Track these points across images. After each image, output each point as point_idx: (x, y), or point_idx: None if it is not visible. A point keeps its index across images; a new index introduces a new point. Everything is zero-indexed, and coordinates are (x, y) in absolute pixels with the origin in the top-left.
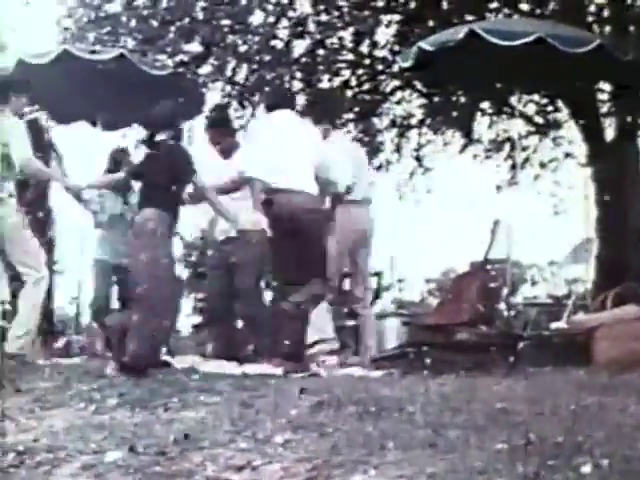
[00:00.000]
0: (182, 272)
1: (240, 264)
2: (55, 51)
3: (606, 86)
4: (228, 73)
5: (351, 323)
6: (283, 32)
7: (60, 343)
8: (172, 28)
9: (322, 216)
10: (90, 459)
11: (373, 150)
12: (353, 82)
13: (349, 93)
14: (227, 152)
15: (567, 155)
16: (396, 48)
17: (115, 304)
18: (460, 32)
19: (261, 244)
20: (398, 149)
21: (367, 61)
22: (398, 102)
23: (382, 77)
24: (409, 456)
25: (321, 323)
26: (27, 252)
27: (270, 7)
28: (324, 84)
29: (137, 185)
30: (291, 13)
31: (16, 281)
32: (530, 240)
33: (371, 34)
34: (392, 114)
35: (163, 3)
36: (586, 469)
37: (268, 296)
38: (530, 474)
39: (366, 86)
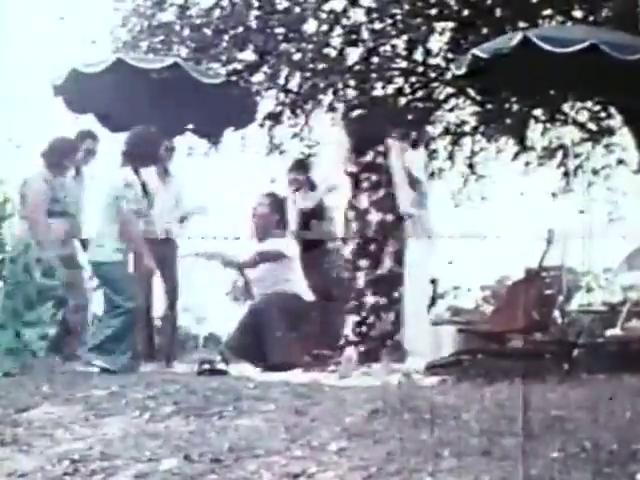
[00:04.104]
0: None
1: None
2: (108, 60)
3: None
4: (281, 81)
5: None
6: (337, 40)
7: None
8: (225, 37)
9: None
10: (145, 467)
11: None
12: (406, 90)
13: (402, 101)
14: None
15: (620, 162)
16: (449, 56)
17: None
18: (514, 39)
19: None
20: (451, 157)
21: (420, 69)
22: (451, 109)
23: (435, 85)
24: (464, 464)
25: None
26: None
27: (324, 15)
28: (377, 92)
29: None
30: (345, 21)
31: None
32: (585, 247)
33: (424, 42)
34: (445, 122)
35: (216, 12)
36: None
37: None
38: None
39: (419, 94)
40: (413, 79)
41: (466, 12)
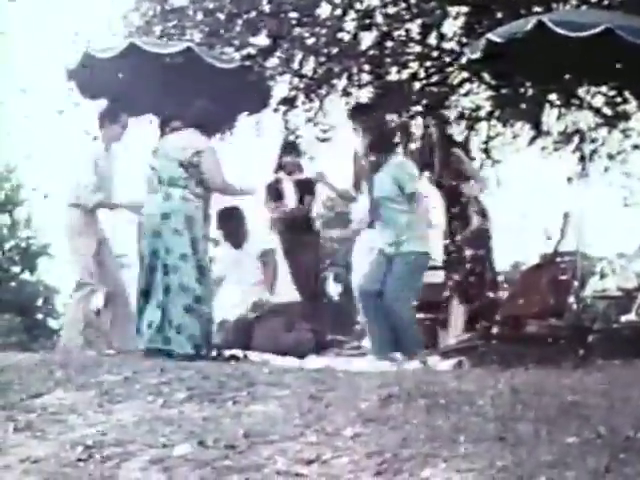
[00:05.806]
0: None
1: None
2: (122, 45)
3: None
4: (295, 66)
5: None
6: (350, 24)
7: None
8: (239, 21)
9: None
10: (159, 453)
11: None
12: (421, 74)
13: (417, 85)
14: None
15: (636, 147)
16: (464, 40)
17: None
18: (528, 23)
19: None
20: (466, 141)
21: (435, 53)
22: (466, 94)
23: (450, 69)
24: (479, 449)
25: None
26: None
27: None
28: (392, 76)
29: None
30: (358, 5)
31: None
32: (600, 232)
33: (439, 26)
34: (460, 106)
35: None
36: None
37: None
38: (601, 468)
39: (434, 78)
40: (428, 63)
41: None
